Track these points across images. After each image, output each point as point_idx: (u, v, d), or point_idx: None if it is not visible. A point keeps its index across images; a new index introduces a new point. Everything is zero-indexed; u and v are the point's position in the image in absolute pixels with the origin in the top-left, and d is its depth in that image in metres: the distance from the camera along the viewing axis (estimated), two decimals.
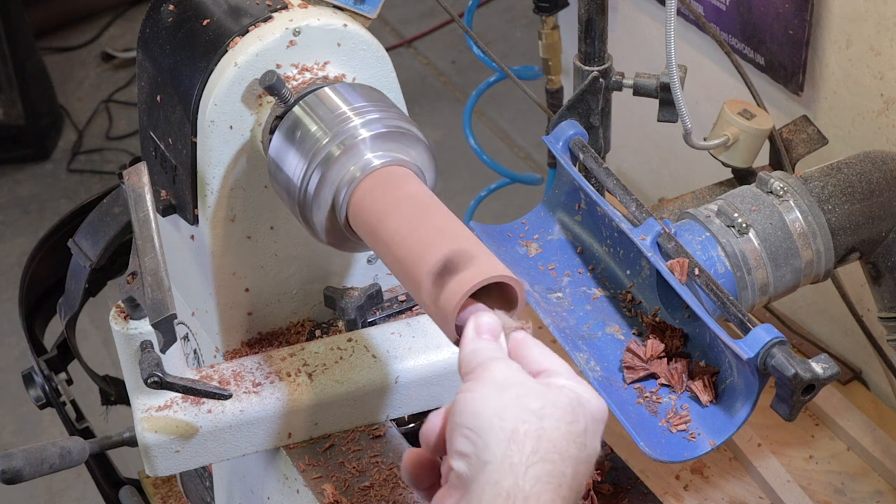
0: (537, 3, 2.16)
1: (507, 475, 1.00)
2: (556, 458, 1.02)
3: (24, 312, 2.05)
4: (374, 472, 1.43)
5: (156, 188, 1.53)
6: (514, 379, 1.05)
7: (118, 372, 1.59)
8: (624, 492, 1.41)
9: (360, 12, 1.45)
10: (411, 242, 1.19)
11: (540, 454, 1.01)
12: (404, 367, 1.46)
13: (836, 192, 1.55)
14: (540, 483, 1.00)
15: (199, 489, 1.89)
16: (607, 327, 1.46)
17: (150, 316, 1.25)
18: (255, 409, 1.42)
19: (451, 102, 4.20)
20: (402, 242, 1.20)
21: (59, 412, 1.96)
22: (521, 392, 1.04)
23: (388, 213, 1.23)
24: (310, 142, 1.30)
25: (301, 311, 1.58)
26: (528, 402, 1.03)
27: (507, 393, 1.04)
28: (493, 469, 1.00)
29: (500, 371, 1.06)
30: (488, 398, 1.04)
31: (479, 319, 1.11)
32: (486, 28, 4.37)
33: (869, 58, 1.87)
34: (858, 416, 2.01)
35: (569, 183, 1.54)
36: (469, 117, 2.41)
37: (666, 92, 1.73)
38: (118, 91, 4.44)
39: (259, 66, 1.38)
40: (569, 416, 1.04)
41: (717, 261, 1.48)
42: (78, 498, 3.08)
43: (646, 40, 2.44)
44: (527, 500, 0.99)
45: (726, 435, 1.31)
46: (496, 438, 1.01)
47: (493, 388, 1.04)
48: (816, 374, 1.24)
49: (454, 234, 1.18)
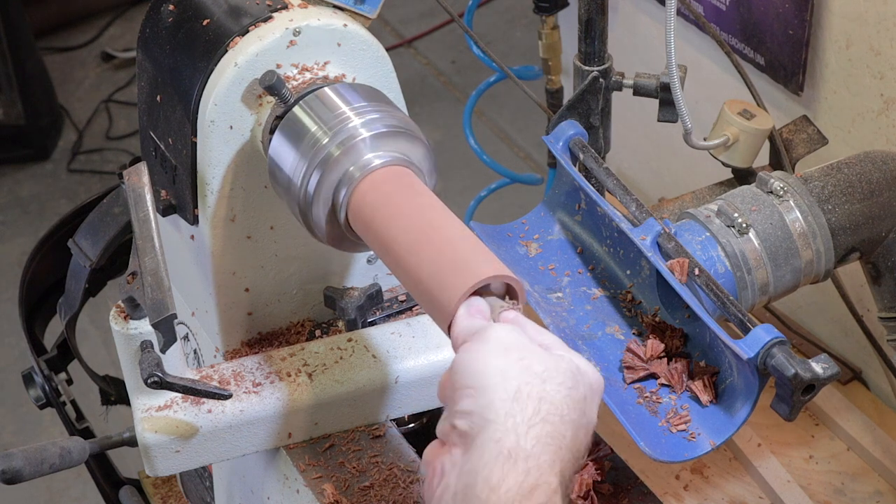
0: (537, 3, 2.16)
1: (509, 434, 1.02)
2: (556, 420, 1.04)
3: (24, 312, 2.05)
4: (374, 472, 1.43)
5: (156, 188, 1.53)
6: (517, 341, 1.07)
7: (118, 372, 1.59)
8: (624, 492, 1.41)
9: (360, 12, 1.45)
10: (411, 242, 1.19)
11: (541, 415, 1.03)
12: (404, 367, 1.46)
13: (836, 192, 1.55)
14: (540, 443, 1.02)
15: (199, 489, 1.89)
16: (607, 327, 1.46)
17: (150, 316, 1.25)
18: (255, 409, 1.42)
19: (451, 102, 4.20)
20: (402, 242, 1.20)
21: (59, 412, 1.96)
22: (524, 354, 1.06)
23: (387, 213, 1.24)
24: (310, 142, 1.30)
25: (301, 311, 1.58)
26: (531, 364, 1.05)
27: (510, 354, 1.06)
28: (496, 427, 1.02)
29: (504, 333, 1.08)
30: (492, 358, 1.05)
31: (471, 302, 1.12)
32: (486, 28, 4.37)
33: (869, 58, 1.87)
34: (858, 416, 2.01)
35: (569, 183, 1.54)
36: (469, 117, 2.41)
37: (666, 92, 1.73)
38: (118, 91, 4.44)
39: (259, 66, 1.38)
40: (569, 382, 1.06)
41: (717, 261, 1.48)
42: (78, 498, 3.08)
43: (646, 40, 2.44)
44: (527, 460, 1.01)
45: (726, 435, 1.31)
46: (500, 398, 1.03)
47: (496, 347, 1.06)
48: (816, 374, 1.24)
49: (454, 233, 1.19)
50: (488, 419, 1.02)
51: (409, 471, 1.42)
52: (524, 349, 1.07)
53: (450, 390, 1.07)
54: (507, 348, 1.06)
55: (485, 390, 1.04)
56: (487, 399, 1.03)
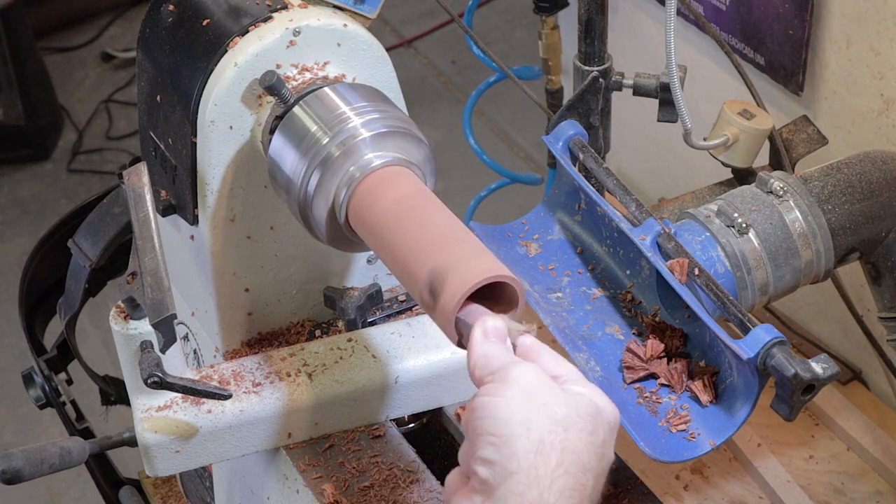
0: (537, 3, 2.16)
1: (532, 487, 1.00)
2: (578, 471, 1.03)
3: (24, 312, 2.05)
4: (374, 472, 1.43)
5: (156, 188, 1.53)
6: (539, 385, 1.05)
7: (118, 372, 1.59)
8: (624, 492, 1.41)
9: (360, 12, 1.45)
10: (411, 242, 1.19)
11: (564, 466, 1.02)
12: (404, 367, 1.46)
13: (836, 192, 1.55)
14: (563, 496, 1.01)
15: (199, 489, 1.89)
16: (607, 327, 1.46)
17: (150, 316, 1.25)
18: (255, 409, 1.42)
19: (451, 102, 4.20)
20: (402, 242, 1.20)
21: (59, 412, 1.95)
22: (546, 400, 1.04)
23: (387, 213, 1.23)
24: (310, 142, 1.30)
25: (301, 311, 1.58)
26: (554, 411, 1.03)
27: (533, 400, 1.04)
28: (519, 480, 1.01)
29: (525, 375, 1.06)
30: (514, 405, 1.03)
31: (486, 323, 1.10)
32: (486, 28, 4.37)
33: (869, 58, 1.87)
34: (858, 416, 2.01)
35: (569, 183, 1.54)
36: (469, 117, 2.41)
37: (666, 92, 1.73)
38: (118, 91, 4.44)
39: (259, 66, 1.38)
40: (590, 427, 1.05)
41: (716, 261, 1.48)
42: (78, 498, 3.08)
43: (646, 40, 2.44)
44: None
45: (726, 435, 1.31)
46: (523, 449, 1.01)
47: (518, 392, 1.04)
48: (816, 374, 1.24)
49: (454, 233, 1.18)
50: (511, 471, 1.01)
51: (409, 471, 1.42)
52: (546, 393, 1.05)
53: (471, 433, 1.05)
54: (531, 394, 1.04)
55: (508, 440, 1.02)
56: (510, 450, 1.01)
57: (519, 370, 1.06)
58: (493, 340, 1.10)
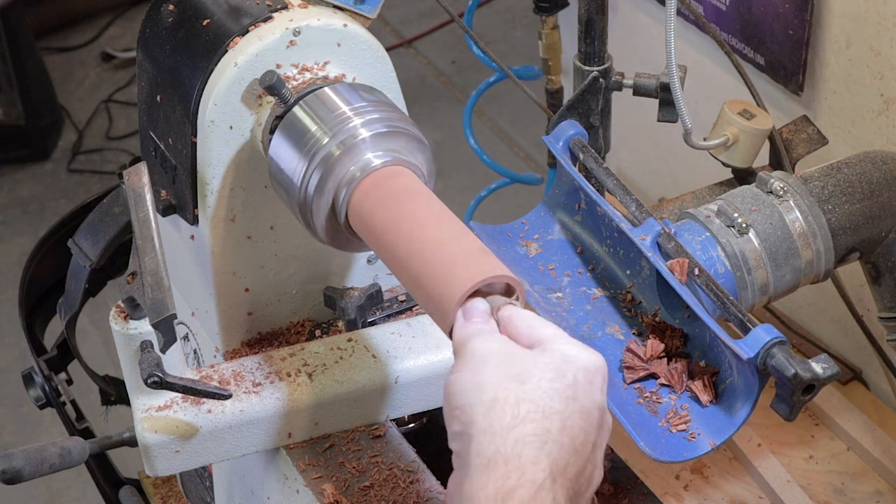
0: (537, 3, 2.16)
1: (490, 443, 1.02)
2: (538, 417, 1.03)
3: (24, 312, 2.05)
4: (374, 472, 1.43)
5: (156, 188, 1.53)
6: (491, 350, 1.07)
7: (118, 372, 1.59)
8: (624, 492, 1.41)
9: (360, 12, 1.45)
10: (411, 242, 1.19)
11: (521, 416, 1.03)
12: (404, 367, 1.46)
13: (836, 192, 1.55)
14: (520, 443, 1.02)
15: (199, 489, 1.89)
16: (607, 327, 1.46)
17: (150, 316, 1.25)
18: (255, 409, 1.42)
19: (451, 102, 4.20)
20: (402, 242, 1.20)
21: (59, 412, 1.96)
22: (499, 361, 1.06)
23: (388, 213, 1.24)
24: (310, 142, 1.30)
25: (301, 311, 1.58)
26: (507, 370, 1.05)
27: (486, 365, 1.06)
28: (480, 441, 1.02)
29: (478, 345, 1.07)
30: (468, 374, 1.06)
31: (467, 305, 1.12)
32: (486, 28, 4.37)
33: (869, 58, 1.87)
34: (858, 416, 2.01)
35: (569, 183, 1.54)
36: (469, 117, 2.41)
37: (666, 92, 1.73)
38: (118, 91, 4.44)
39: (259, 66, 1.38)
40: (550, 374, 1.05)
41: (717, 261, 1.48)
42: (78, 498, 3.08)
43: (646, 40, 2.44)
44: (507, 462, 1.01)
45: (726, 435, 1.31)
46: (478, 412, 1.03)
47: (472, 363, 1.07)
48: (816, 374, 1.24)
49: (454, 233, 1.18)
50: (472, 436, 1.03)
51: (409, 471, 1.42)
52: (501, 355, 1.06)
53: (445, 416, 1.08)
54: (484, 359, 1.06)
55: (466, 408, 1.04)
56: (469, 417, 1.04)
57: (474, 342, 1.08)
58: (475, 321, 1.11)
